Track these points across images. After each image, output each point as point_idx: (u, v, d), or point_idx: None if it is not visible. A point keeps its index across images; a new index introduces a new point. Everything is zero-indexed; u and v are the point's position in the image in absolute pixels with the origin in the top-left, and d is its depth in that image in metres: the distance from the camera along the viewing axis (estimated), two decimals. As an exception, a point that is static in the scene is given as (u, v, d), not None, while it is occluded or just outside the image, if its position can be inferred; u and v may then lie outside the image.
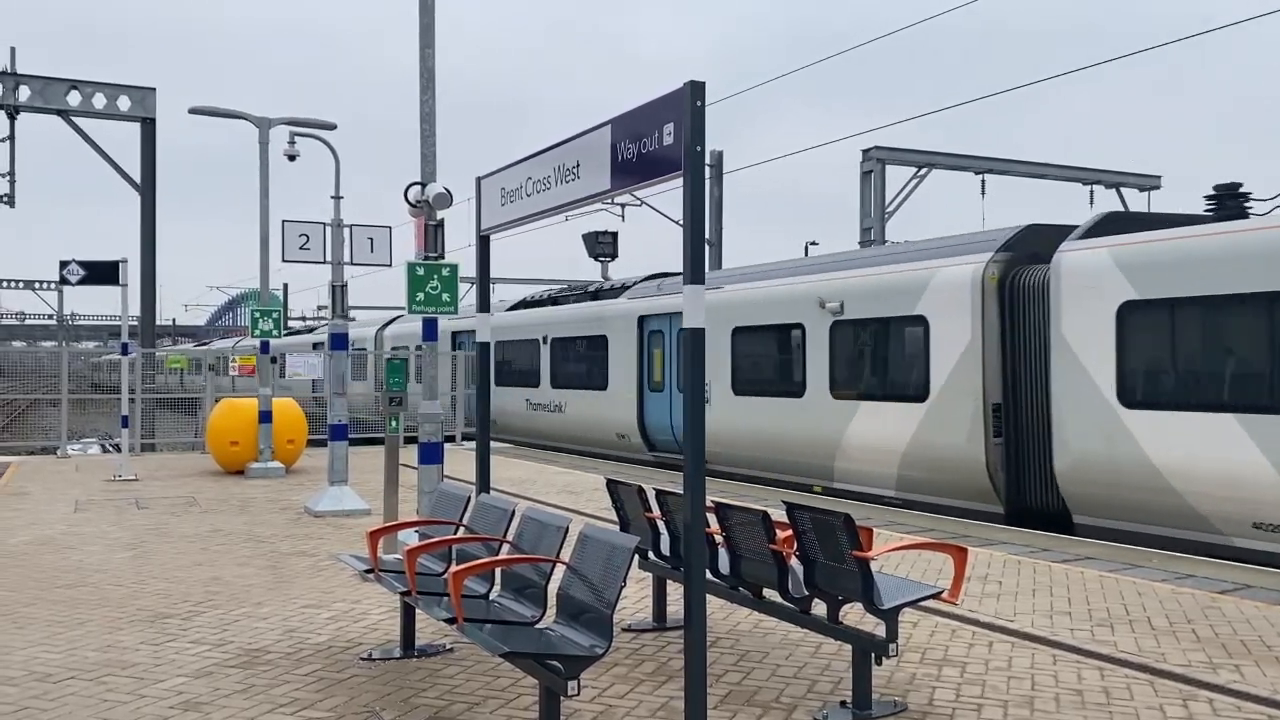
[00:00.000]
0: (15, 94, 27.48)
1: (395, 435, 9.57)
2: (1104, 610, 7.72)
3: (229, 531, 11.43)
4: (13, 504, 13.56)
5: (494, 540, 6.21)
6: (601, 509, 12.77)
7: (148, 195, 28.49)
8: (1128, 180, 33.62)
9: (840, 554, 5.48)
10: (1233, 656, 6.53)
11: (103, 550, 10.25)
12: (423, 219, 9.81)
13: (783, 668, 6.34)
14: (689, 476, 4.71)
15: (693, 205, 4.70)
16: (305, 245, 12.85)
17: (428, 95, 9.92)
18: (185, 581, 8.81)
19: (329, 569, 9.36)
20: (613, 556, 5.02)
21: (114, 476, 16.60)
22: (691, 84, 4.65)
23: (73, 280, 16.38)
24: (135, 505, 13.53)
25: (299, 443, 17.92)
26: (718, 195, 30.51)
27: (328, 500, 12.74)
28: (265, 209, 18.06)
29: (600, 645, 4.83)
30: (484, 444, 7.80)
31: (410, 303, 9.66)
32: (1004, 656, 6.57)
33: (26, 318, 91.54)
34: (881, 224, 29.27)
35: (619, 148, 5.36)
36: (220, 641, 6.92)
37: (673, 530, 6.87)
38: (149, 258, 28.61)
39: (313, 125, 17.85)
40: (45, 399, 24.69)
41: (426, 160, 9.95)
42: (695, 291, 4.74)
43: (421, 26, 9.85)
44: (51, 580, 8.85)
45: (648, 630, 7.18)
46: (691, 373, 4.75)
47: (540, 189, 6.47)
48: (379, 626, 7.33)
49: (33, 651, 6.68)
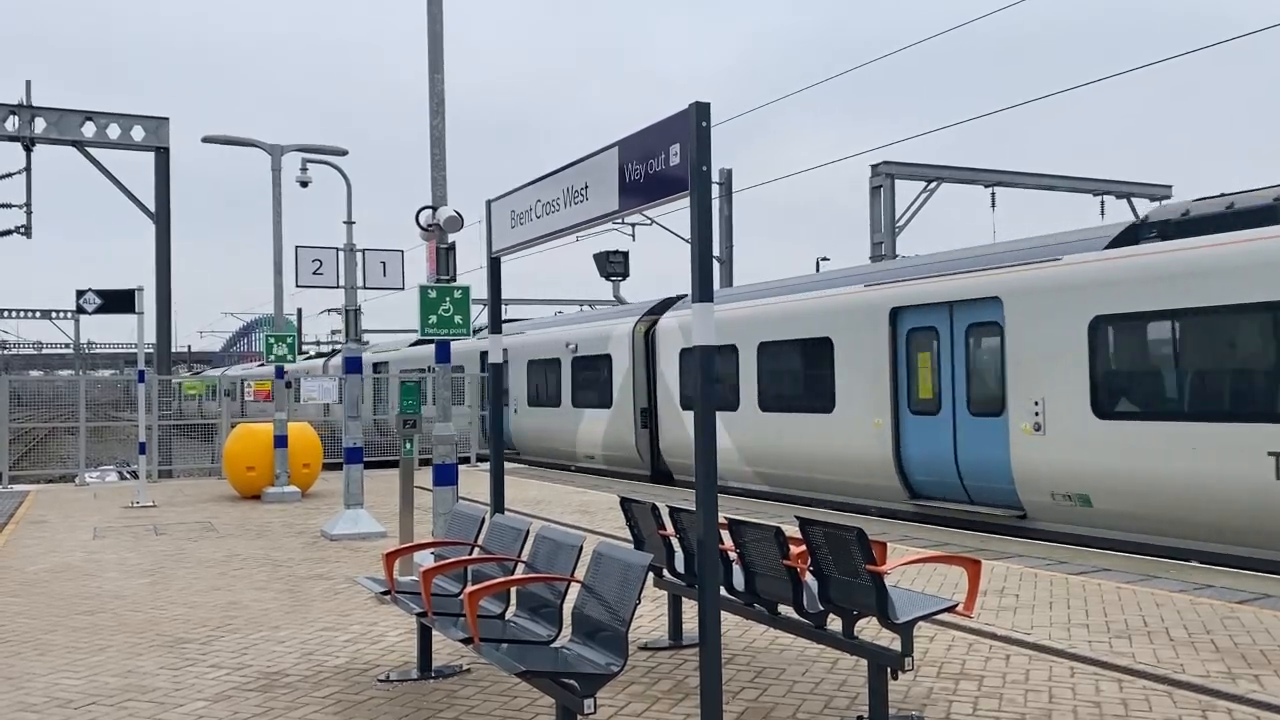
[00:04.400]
0: (31, 126, 27.79)
1: (410, 458, 9.62)
2: (1122, 622, 7.69)
3: (246, 556, 11.48)
4: (32, 532, 13.66)
5: (509, 560, 6.24)
6: (616, 528, 12.78)
7: (162, 223, 28.73)
8: (1138, 190, 33.56)
9: (854, 568, 5.49)
10: (1252, 667, 6.50)
11: (121, 576, 10.32)
12: (434, 242, 9.89)
13: (799, 684, 6.34)
14: (700, 492, 4.73)
15: (700, 224, 4.74)
16: (318, 270, 12.96)
17: (437, 119, 10.02)
18: (203, 606, 8.86)
19: (346, 592, 9.40)
20: (627, 574, 5.04)
21: (132, 503, 16.69)
22: (696, 105, 4.70)
23: (89, 309, 16.53)
24: (153, 531, 13.61)
25: (315, 467, 18.00)
26: (728, 213, 30.59)
27: (344, 523, 12.79)
28: (279, 234, 18.20)
29: (616, 663, 4.84)
30: (498, 464, 7.85)
31: (423, 325, 9.72)
32: (1021, 669, 6.55)
33: (44, 347, 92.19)
34: (892, 238, 29.28)
35: (626, 169, 5.42)
36: (239, 665, 6.96)
37: (687, 547, 6.89)
38: (164, 285, 28.82)
39: (324, 151, 18.01)
40: (63, 427, 24.87)
41: (437, 184, 10.04)
42: (704, 310, 4.78)
43: (430, 52, 9.96)
44: (71, 607, 8.91)
45: (664, 648, 7.18)
46: (703, 389, 4.78)
47: (549, 210, 6.53)
48: (396, 648, 7.35)
49: (54, 678, 6.73)
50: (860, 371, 15.07)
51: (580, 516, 14.17)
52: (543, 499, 16.48)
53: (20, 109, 27.67)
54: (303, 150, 18.14)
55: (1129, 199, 33.49)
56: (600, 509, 15.01)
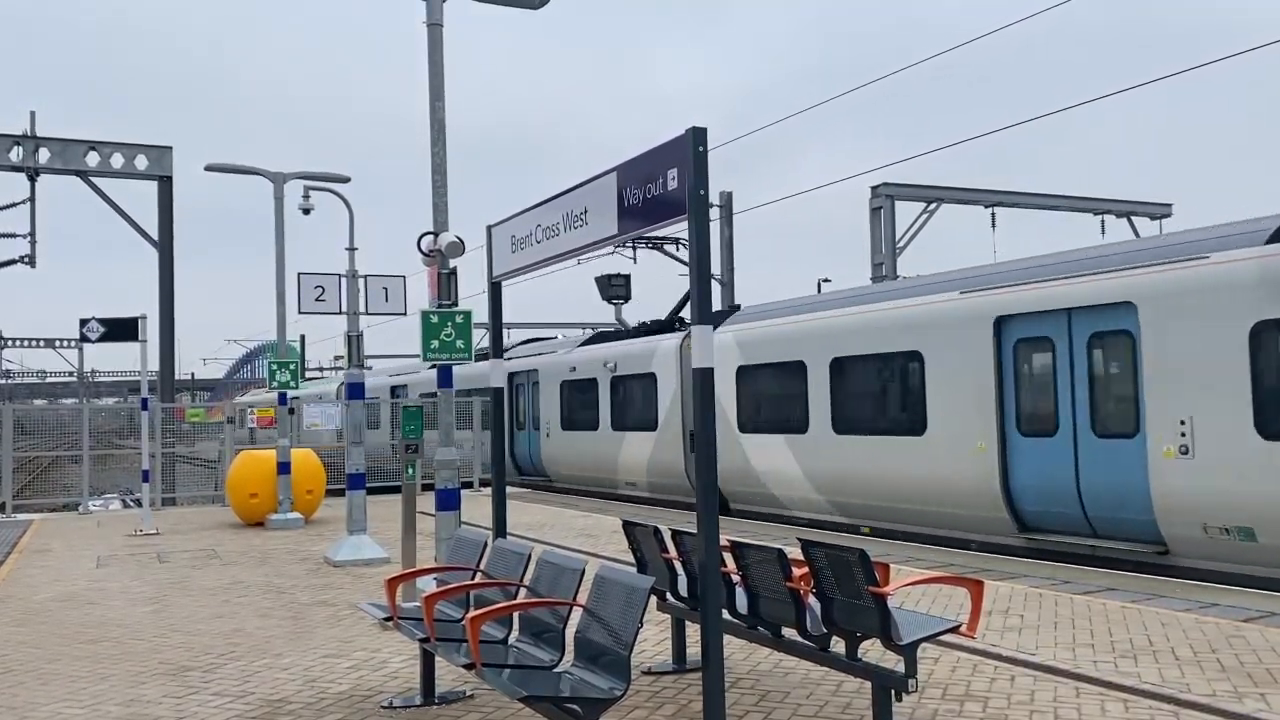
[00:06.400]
0: (35, 156, 27.95)
1: (412, 483, 9.63)
2: (1127, 641, 7.66)
3: (249, 583, 11.47)
4: (36, 561, 13.65)
5: (511, 584, 6.24)
6: (619, 551, 12.76)
7: (165, 251, 28.85)
8: (1139, 209, 33.62)
9: (857, 590, 5.48)
10: (1258, 685, 6.47)
11: (125, 604, 10.31)
12: (436, 267, 9.93)
13: (804, 706, 6.32)
14: (701, 513, 4.74)
15: (698, 247, 4.77)
16: (321, 296, 13.00)
17: (438, 147, 10.08)
18: (207, 634, 8.85)
19: (349, 618, 9.38)
20: (629, 598, 5.03)
21: (135, 531, 16.68)
22: (694, 130, 4.75)
23: (93, 337, 16.59)
24: (157, 559, 13.60)
25: (318, 493, 17.99)
26: (728, 235, 30.67)
27: (346, 549, 12.78)
28: (281, 262, 18.28)
29: (619, 687, 4.83)
30: (500, 488, 7.85)
31: (425, 350, 9.75)
32: (1026, 690, 6.52)
33: (48, 375, 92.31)
34: (893, 259, 29.34)
35: (625, 193, 5.46)
36: (242, 693, 6.94)
37: (690, 571, 6.88)
38: (167, 313, 28.90)
39: (326, 179, 18.11)
40: (67, 455, 24.87)
41: (438, 210, 10.09)
42: (703, 332, 4.80)
43: (431, 81, 10.04)
44: (75, 635, 8.90)
45: (668, 672, 7.16)
46: (702, 411, 4.80)
47: (549, 235, 6.57)
48: (399, 674, 7.34)
49: (56, 707, 6.71)
50: (958, 389, 13.53)
51: (583, 540, 14.14)
52: (545, 523, 16.45)
53: (24, 139, 27.84)
54: (305, 178, 18.24)
55: (1129, 218, 33.56)
56: (603, 533, 14.99)
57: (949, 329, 13.65)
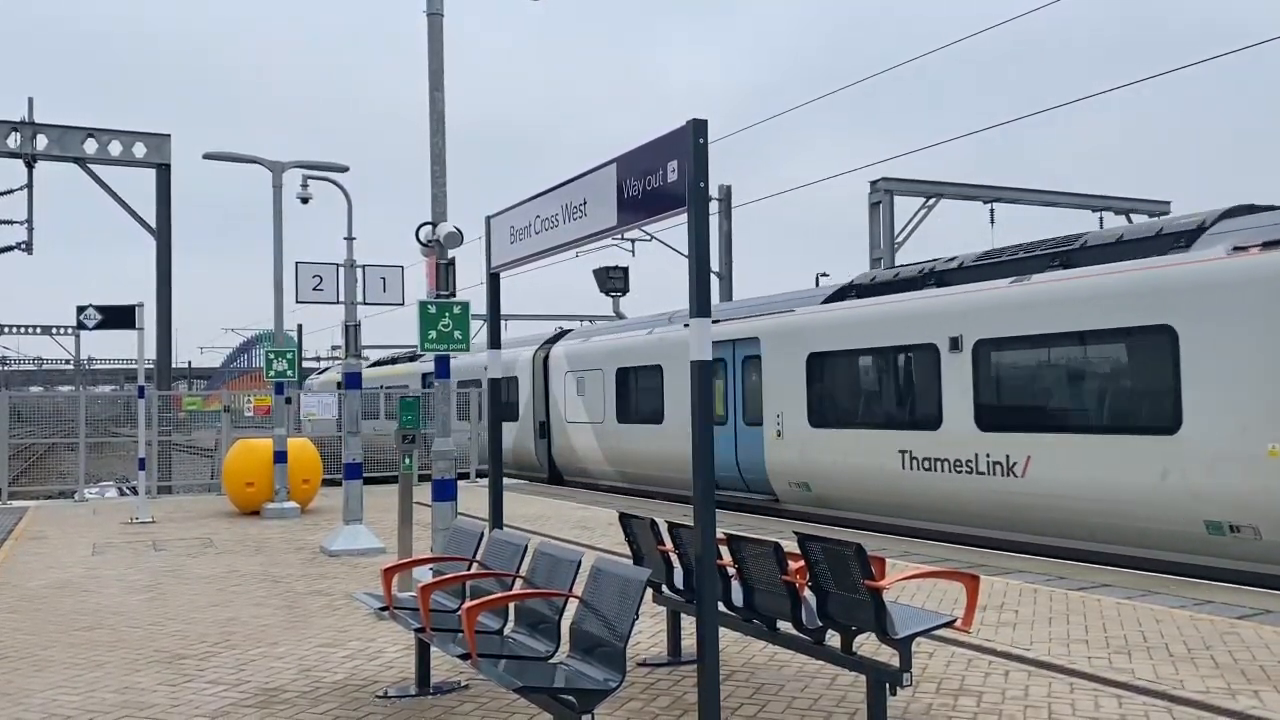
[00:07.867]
0: (33, 143, 27.88)
1: (409, 473, 9.63)
2: (1121, 637, 7.68)
3: (245, 572, 11.47)
4: (31, 548, 13.65)
5: (507, 575, 6.24)
6: (615, 543, 12.77)
7: (163, 240, 28.79)
8: (1138, 206, 33.65)
9: (853, 584, 5.49)
10: (1252, 682, 6.49)
11: (120, 592, 10.31)
12: (434, 258, 9.92)
13: (798, 700, 6.33)
14: (698, 506, 4.74)
15: (697, 240, 4.77)
16: (319, 286, 12.99)
17: (438, 137, 10.07)
18: (202, 622, 8.85)
19: (344, 608, 9.39)
20: (625, 590, 5.04)
21: (131, 519, 16.68)
22: (694, 122, 4.74)
23: (90, 325, 16.55)
24: (152, 547, 13.60)
25: (314, 482, 17.98)
26: (727, 229, 30.66)
27: (343, 539, 12.78)
28: (279, 251, 18.23)
29: (614, 679, 4.84)
30: (497, 479, 7.85)
31: (422, 341, 9.75)
32: (1020, 685, 6.54)
33: (44, 363, 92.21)
34: (891, 254, 29.33)
35: (624, 185, 5.45)
36: (237, 681, 6.94)
37: (686, 563, 6.89)
38: (165, 301, 28.87)
39: (325, 168, 18.05)
40: (63, 443, 24.86)
41: (437, 200, 10.08)
42: (701, 324, 4.79)
43: (431, 70, 10.01)
44: (70, 623, 8.90)
45: (663, 664, 7.17)
46: (700, 403, 4.80)
47: (548, 226, 6.56)
48: (395, 664, 7.34)
49: (51, 694, 6.71)
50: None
51: (579, 532, 14.16)
52: (542, 515, 16.47)
53: (22, 125, 27.77)
54: (303, 167, 18.20)
55: (1127, 215, 33.57)
56: (599, 525, 15.00)
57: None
